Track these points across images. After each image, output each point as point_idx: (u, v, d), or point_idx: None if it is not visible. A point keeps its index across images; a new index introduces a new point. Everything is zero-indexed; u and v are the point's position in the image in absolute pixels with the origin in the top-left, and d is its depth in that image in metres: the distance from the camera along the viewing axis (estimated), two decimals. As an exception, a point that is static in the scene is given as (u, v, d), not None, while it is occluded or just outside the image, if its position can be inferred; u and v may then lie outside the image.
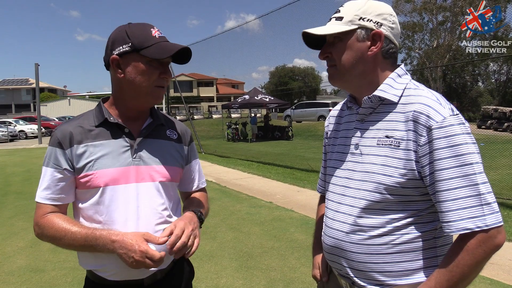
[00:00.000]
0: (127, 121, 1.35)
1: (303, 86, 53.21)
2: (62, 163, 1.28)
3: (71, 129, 1.30)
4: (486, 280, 3.39)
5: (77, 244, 1.23)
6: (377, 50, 1.16)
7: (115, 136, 1.31)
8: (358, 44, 1.15)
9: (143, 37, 1.26)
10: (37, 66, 24.23)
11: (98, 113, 1.35)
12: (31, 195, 7.59)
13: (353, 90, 1.25)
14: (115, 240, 1.18)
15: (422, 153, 1.05)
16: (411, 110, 1.09)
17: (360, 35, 1.15)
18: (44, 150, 6.18)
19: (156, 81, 1.29)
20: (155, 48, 1.25)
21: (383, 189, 1.10)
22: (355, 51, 1.16)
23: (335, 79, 1.23)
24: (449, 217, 1.02)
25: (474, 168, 1.01)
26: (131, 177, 1.29)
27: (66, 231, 1.24)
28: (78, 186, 1.30)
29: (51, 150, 1.30)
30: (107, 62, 1.32)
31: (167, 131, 1.44)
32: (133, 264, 1.16)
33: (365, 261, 1.14)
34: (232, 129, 21.41)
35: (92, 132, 1.30)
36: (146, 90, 1.29)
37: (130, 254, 1.16)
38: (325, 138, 1.47)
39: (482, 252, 0.99)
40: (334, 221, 1.23)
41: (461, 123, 1.04)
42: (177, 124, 1.51)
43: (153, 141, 1.37)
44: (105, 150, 1.28)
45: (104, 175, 1.26)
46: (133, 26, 1.29)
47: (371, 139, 1.17)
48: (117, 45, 1.27)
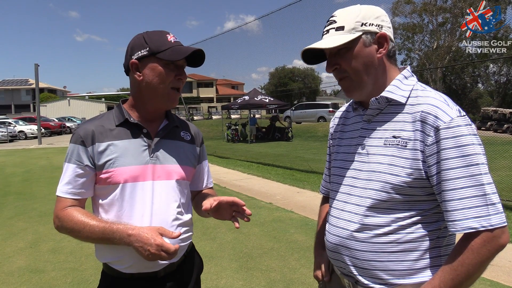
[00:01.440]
0: (145, 122, 1.43)
1: (303, 87, 53.24)
2: (84, 160, 1.34)
3: (93, 128, 1.37)
4: (486, 282, 3.39)
5: (95, 236, 1.29)
6: (385, 52, 1.18)
7: (134, 136, 1.39)
8: (366, 49, 1.16)
9: (160, 42, 1.35)
10: (36, 67, 24.23)
11: (119, 113, 1.42)
12: (30, 196, 7.59)
13: (366, 97, 1.23)
14: (131, 234, 1.24)
15: (429, 152, 1.07)
16: (419, 111, 1.11)
17: (367, 41, 1.16)
18: (44, 151, 6.16)
19: (172, 83, 1.37)
20: (171, 51, 1.34)
21: (390, 188, 1.12)
22: (365, 57, 1.16)
23: (352, 90, 1.22)
24: (454, 216, 1.03)
25: (480, 168, 1.02)
26: (148, 175, 1.37)
27: (84, 224, 1.29)
28: (98, 182, 1.36)
29: (74, 147, 1.36)
30: (126, 67, 1.41)
31: (181, 132, 1.52)
32: (149, 257, 1.22)
33: (370, 259, 1.15)
34: (232, 130, 21.40)
35: (113, 131, 1.38)
36: (162, 91, 1.37)
37: (146, 248, 1.21)
38: (329, 139, 1.48)
39: (486, 251, 1.01)
40: (340, 219, 1.24)
41: (468, 124, 1.06)
42: (190, 126, 1.60)
43: (169, 141, 1.45)
44: (125, 149, 1.36)
45: (124, 172, 1.34)
46: (150, 33, 1.39)
47: (378, 139, 1.18)
48: (136, 50, 1.36)
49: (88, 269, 3.89)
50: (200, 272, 1.61)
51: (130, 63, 1.37)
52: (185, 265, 1.49)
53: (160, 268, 1.38)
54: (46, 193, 7.73)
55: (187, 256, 1.51)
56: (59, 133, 31.92)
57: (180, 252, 1.44)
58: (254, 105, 21.20)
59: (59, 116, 39.81)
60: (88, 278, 3.68)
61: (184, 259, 1.48)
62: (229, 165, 11.61)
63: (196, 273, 1.56)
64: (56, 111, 46.63)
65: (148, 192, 1.36)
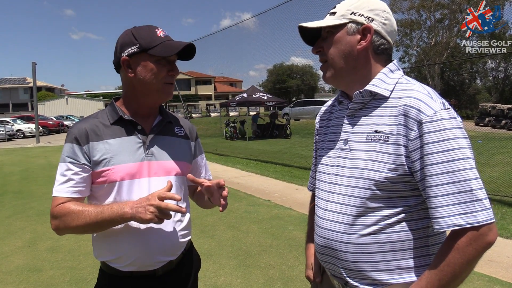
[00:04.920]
0: (139, 118, 1.42)
1: (301, 84, 53.15)
2: (81, 158, 1.33)
3: (87, 127, 1.36)
4: (485, 277, 3.40)
5: (93, 219, 1.25)
6: (366, 44, 1.15)
7: (129, 133, 1.38)
8: (347, 37, 1.15)
9: (150, 37, 1.33)
10: (34, 65, 24.11)
11: (112, 111, 1.41)
12: (28, 195, 7.57)
13: (345, 87, 1.24)
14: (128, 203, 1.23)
15: (413, 147, 1.04)
16: (402, 104, 1.07)
17: (351, 29, 1.15)
18: (42, 149, 6.13)
19: (165, 78, 1.36)
20: (162, 47, 1.32)
21: (373, 184, 1.09)
22: (344, 45, 1.16)
23: (328, 76, 1.22)
24: (439, 213, 1.00)
25: (465, 163, 0.98)
26: (144, 172, 1.36)
27: (81, 211, 1.27)
28: (95, 181, 1.35)
29: (69, 146, 1.34)
30: (116, 64, 1.39)
31: (175, 128, 1.52)
32: (154, 214, 1.18)
33: (358, 260, 1.13)
34: (230, 128, 21.38)
35: (108, 129, 1.37)
36: (156, 87, 1.36)
37: (148, 207, 1.18)
38: (315, 134, 1.45)
39: (473, 250, 0.97)
40: (324, 220, 1.21)
41: (452, 117, 1.03)
42: (183, 121, 1.60)
43: (164, 137, 1.45)
44: (121, 147, 1.35)
45: (120, 170, 1.33)
46: (139, 29, 1.37)
47: (361, 134, 1.15)
48: (126, 47, 1.34)
49: (86, 267, 3.88)
50: (198, 270, 1.61)
51: (121, 61, 1.35)
52: (183, 263, 1.49)
53: (159, 267, 1.37)
54: (44, 192, 7.71)
55: (186, 254, 1.50)
56: (57, 131, 31.83)
57: (178, 250, 1.44)
58: (252, 102, 21.20)
59: (57, 115, 39.64)
60: (86, 276, 3.68)
61: (182, 257, 1.48)
62: (228, 162, 11.61)
63: (194, 271, 1.56)
64: (54, 109, 46.47)
65: (144, 189, 1.34)
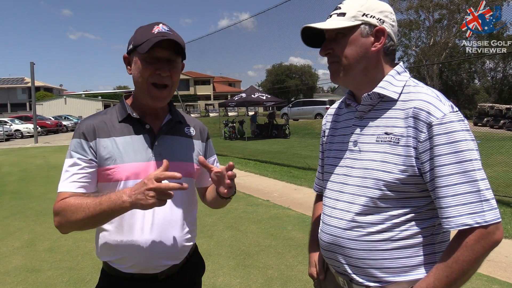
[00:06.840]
0: (147, 117, 1.39)
1: (300, 84, 53.12)
2: (88, 153, 1.30)
3: (95, 123, 1.34)
4: (483, 277, 3.40)
5: (92, 211, 1.17)
6: (380, 46, 1.17)
7: (137, 132, 1.35)
8: (362, 39, 1.16)
9: (142, 34, 1.30)
10: (32, 65, 24.08)
11: (121, 109, 1.39)
12: (27, 195, 7.55)
13: (354, 87, 1.25)
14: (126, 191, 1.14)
15: (422, 149, 1.06)
16: (411, 107, 1.10)
17: (364, 31, 1.16)
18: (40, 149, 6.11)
19: (151, 77, 1.30)
20: (146, 43, 1.26)
21: (383, 185, 1.11)
22: (359, 47, 1.16)
23: (338, 75, 1.21)
24: (448, 213, 1.03)
25: (474, 164, 1.02)
26: (150, 172, 1.27)
27: (79, 203, 1.20)
28: (100, 179, 1.32)
29: (76, 141, 1.31)
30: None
31: (185, 128, 1.48)
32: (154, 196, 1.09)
33: (364, 257, 1.15)
34: (229, 128, 21.38)
35: (115, 127, 1.34)
36: (142, 86, 1.31)
37: (147, 192, 1.09)
38: (322, 136, 1.47)
39: (481, 248, 1.00)
40: (332, 218, 1.24)
41: (460, 120, 1.06)
42: (195, 121, 1.55)
43: (172, 137, 1.41)
44: (127, 145, 1.32)
45: (125, 169, 1.30)
46: (143, 26, 1.36)
47: (370, 136, 1.17)
48: (129, 44, 1.36)
49: (85, 268, 3.87)
50: (202, 274, 1.58)
51: (123, 58, 1.38)
52: (187, 267, 1.45)
53: (161, 270, 1.35)
54: (42, 192, 7.70)
55: (190, 259, 1.47)
56: (55, 131, 31.77)
57: (182, 254, 1.41)
58: (251, 102, 21.20)
59: (56, 115, 39.54)
60: (84, 277, 3.67)
61: (186, 262, 1.44)
62: (227, 162, 11.57)
63: (198, 276, 1.53)
64: (52, 109, 46.36)
65: None
